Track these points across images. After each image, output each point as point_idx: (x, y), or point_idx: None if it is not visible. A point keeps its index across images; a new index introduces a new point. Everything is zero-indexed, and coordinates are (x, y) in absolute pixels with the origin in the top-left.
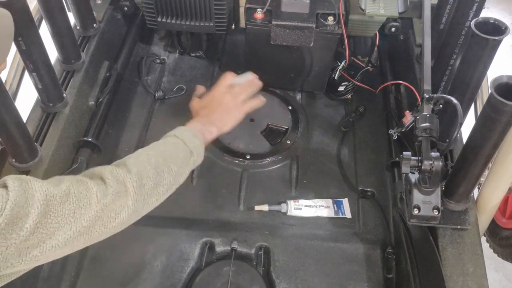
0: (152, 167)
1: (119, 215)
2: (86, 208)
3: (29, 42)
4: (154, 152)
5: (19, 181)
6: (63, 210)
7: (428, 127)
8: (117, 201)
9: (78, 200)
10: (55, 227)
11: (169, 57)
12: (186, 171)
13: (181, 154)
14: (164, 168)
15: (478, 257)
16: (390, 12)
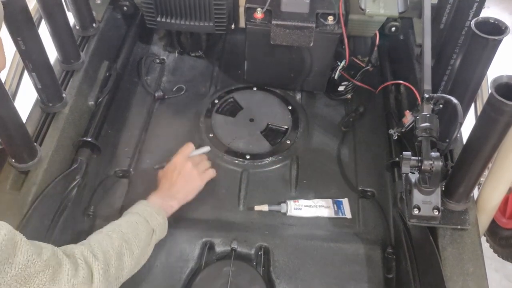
0: (115, 252)
1: None
2: (55, 284)
3: (28, 42)
4: (116, 235)
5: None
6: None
7: (428, 127)
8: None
9: (52, 273)
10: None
11: (169, 57)
12: (148, 250)
13: (143, 235)
14: (126, 252)
15: (478, 257)
16: (390, 12)
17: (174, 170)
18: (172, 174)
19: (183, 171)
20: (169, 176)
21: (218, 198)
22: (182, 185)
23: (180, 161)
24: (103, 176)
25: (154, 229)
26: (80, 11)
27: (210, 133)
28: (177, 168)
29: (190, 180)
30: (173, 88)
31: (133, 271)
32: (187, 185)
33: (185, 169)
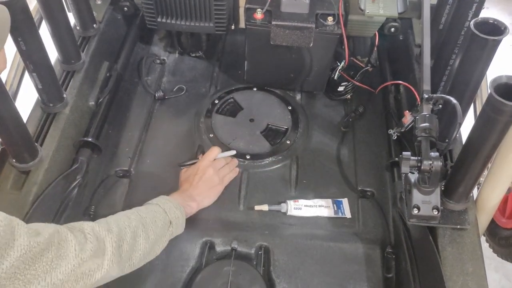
0: (131, 231)
1: (94, 274)
2: (63, 259)
3: (29, 43)
4: (135, 217)
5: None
6: (42, 258)
7: (428, 127)
8: (94, 259)
9: (57, 249)
10: (32, 276)
11: (169, 57)
12: (163, 240)
13: (160, 223)
14: (142, 233)
15: (477, 256)
16: (390, 12)
17: (196, 174)
18: (194, 178)
19: (205, 176)
20: (190, 179)
21: (218, 198)
22: (203, 189)
23: (203, 165)
24: (104, 176)
25: (172, 222)
26: (81, 12)
27: (210, 133)
28: (199, 172)
29: (211, 185)
30: (174, 89)
31: (145, 258)
32: (208, 190)
33: (206, 174)
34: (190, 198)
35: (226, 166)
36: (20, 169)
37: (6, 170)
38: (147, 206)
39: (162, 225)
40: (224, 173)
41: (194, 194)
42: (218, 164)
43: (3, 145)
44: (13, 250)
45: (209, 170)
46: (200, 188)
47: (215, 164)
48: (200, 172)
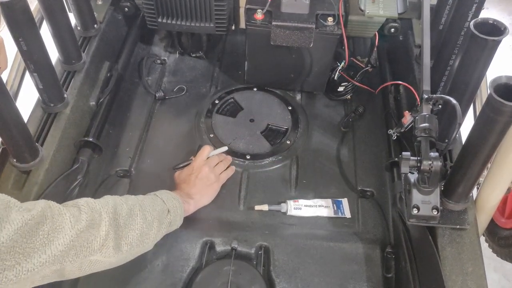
0: (127, 207)
1: (91, 245)
2: (59, 232)
3: (30, 43)
4: (132, 198)
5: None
6: (38, 231)
7: (427, 127)
8: (91, 229)
9: (52, 222)
10: (31, 248)
11: (170, 57)
12: (162, 228)
13: (158, 208)
14: (139, 213)
15: (477, 256)
16: (390, 13)
17: (191, 174)
18: (190, 178)
19: (200, 175)
20: (186, 179)
21: (218, 198)
22: (200, 187)
23: (198, 165)
24: (105, 176)
25: (170, 210)
26: (82, 12)
27: (210, 133)
28: (195, 171)
29: (207, 184)
30: (174, 89)
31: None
32: (204, 189)
33: (202, 173)
34: (188, 196)
35: (220, 164)
36: (20, 169)
37: (7, 170)
38: (145, 195)
39: (160, 211)
40: (219, 170)
41: (191, 193)
42: (212, 162)
43: (4, 145)
44: (9, 223)
45: (204, 169)
46: (197, 187)
47: (209, 162)
48: (195, 171)
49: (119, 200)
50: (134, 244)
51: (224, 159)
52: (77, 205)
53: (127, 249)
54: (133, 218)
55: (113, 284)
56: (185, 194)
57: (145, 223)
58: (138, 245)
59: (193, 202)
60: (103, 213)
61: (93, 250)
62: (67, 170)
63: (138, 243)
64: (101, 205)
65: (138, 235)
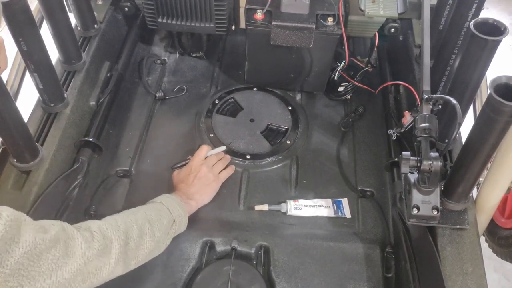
0: (138, 228)
1: (100, 272)
2: (69, 258)
3: (30, 43)
4: (141, 215)
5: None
6: (48, 256)
7: (427, 127)
8: (101, 258)
9: (64, 247)
10: (36, 272)
11: (170, 57)
12: (167, 238)
13: (165, 221)
14: (148, 232)
15: (477, 256)
16: (390, 13)
17: (190, 173)
18: (189, 178)
19: (199, 174)
20: (185, 179)
21: (218, 198)
22: (199, 187)
23: (196, 164)
24: (105, 176)
25: (175, 220)
26: (82, 12)
27: (210, 133)
28: (193, 171)
29: (206, 183)
30: (174, 89)
31: (150, 255)
32: (204, 188)
33: (200, 172)
34: (188, 198)
35: (219, 163)
36: (21, 169)
37: (7, 170)
38: (152, 205)
39: (166, 223)
40: (218, 169)
41: (191, 193)
42: (211, 161)
43: (4, 145)
44: (18, 246)
45: (202, 168)
46: (196, 187)
47: (207, 162)
48: (194, 171)
49: (129, 222)
50: (142, 260)
51: (223, 158)
52: (89, 230)
53: (135, 266)
54: (143, 238)
55: (113, 283)
56: (185, 196)
57: (154, 240)
58: (145, 260)
59: (194, 203)
60: (114, 240)
61: (101, 277)
62: (67, 170)
63: (145, 259)
64: (113, 231)
65: (147, 253)
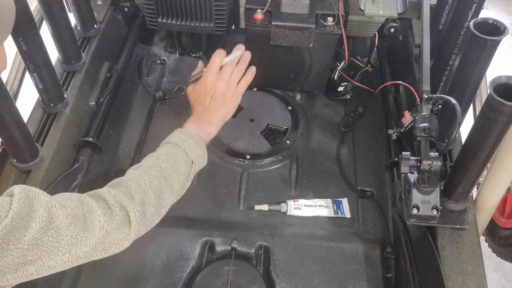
0: (154, 191)
1: (122, 243)
2: (89, 232)
3: (29, 43)
4: (156, 173)
5: (27, 192)
6: (67, 231)
7: (427, 127)
8: (120, 231)
9: (83, 223)
10: (55, 247)
11: (170, 57)
12: (188, 180)
13: (183, 168)
14: (166, 189)
15: (477, 256)
16: (389, 13)
17: (206, 94)
18: (205, 99)
19: (215, 95)
20: (201, 100)
21: (218, 198)
22: (217, 108)
23: (210, 81)
24: (105, 175)
25: (194, 161)
26: (81, 12)
27: None
28: (209, 91)
29: (224, 102)
30: (174, 89)
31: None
32: (222, 108)
33: (217, 91)
34: (206, 123)
35: (235, 72)
36: (20, 169)
37: (7, 170)
38: (166, 150)
39: (185, 169)
40: (235, 80)
41: (208, 116)
42: (226, 73)
43: (3, 145)
44: (34, 221)
45: (218, 86)
46: (214, 109)
47: (222, 76)
48: (209, 90)
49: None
50: (163, 214)
51: (239, 63)
52: (105, 200)
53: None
54: (162, 197)
55: (113, 283)
56: (203, 123)
57: (174, 194)
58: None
59: (214, 128)
60: (130, 213)
61: (122, 246)
62: (67, 170)
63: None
64: (129, 201)
65: (168, 207)
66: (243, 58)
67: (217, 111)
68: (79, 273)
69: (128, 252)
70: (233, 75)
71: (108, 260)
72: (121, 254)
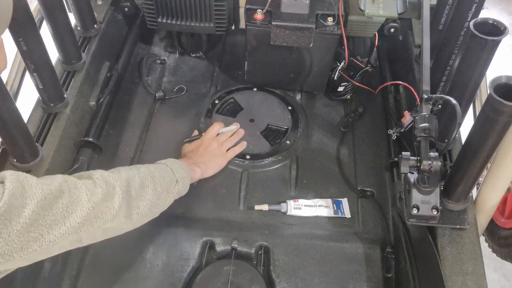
0: (140, 179)
1: (106, 216)
2: (77, 205)
3: (30, 43)
4: (144, 169)
5: (16, 175)
6: (58, 205)
7: (427, 127)
8: (105, 202)
9: (69, 196)
10: (52, 221)
11: (170, 57)
12: (169, 197)
13: (168, 179)
14: (150, 184)
15: (477, 256)
16: (389, 13)
17: (201, 145)
18: (198, 149)
19: (209, 148)
20: (194, 149)
21: (218, 198)
22: (207, 159)
23: (207, 138)
24: None
25: (178, 180)
26: (81, 12)
27: None
28: (204, 144)
29: (214, 157)
30: (174, 89)
31: (151, 210)
32: (211, 160)
33: (210, 146)
34: (195, 165)
35: (229, 140)
36: (21, 169)
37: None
38: (156, 164)
39: (169, 181)
40: (227, 147)
41: (198, 161)
42: (221, 138)
43: (4, 145)
44: (30, 198)
45: (213, 143)
46: (204, 157)
47: (218, 139)
48: (204, 144)
49: (131, 172)
50: (144, 213)
51: (234, 135)
52: (91, 178)
53: (137, 218)
54: (145, 190)
55: (113, 283)
56: (192, 163)
57: (155, 194)
58: (147, 214)
59: (199, 170)
60: (116, 186)
61: (106, 220)
62: (67, 170)
63: (147, 212)
64: (115, 178)
65: (148, 205)
66: (237, 133)
67: (206, 160)
68: (79, 272)
69: (128, 252)
70: (226, 142)
71: (108, 260)
72: (121, 254)
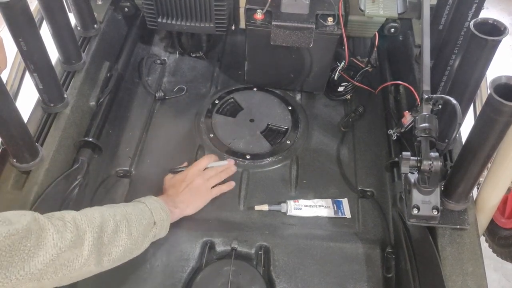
0: (114, 224)
1: (72, 264)
2: (41, 249)
3: (30, 43)
4: (120, 211)
5: None
6: (20, 246)
7: (427, 127)
8: (73, 249)
9: (36, 238)
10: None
11: (170, 57)
12: (146, 241)
13: (145, 222)
14: (125, 229)
15: (477, 256)
16: (390, 13)
17: (183, 181)
18: (181, 185)
19: (191, 185)
20: (177, 185)
21: (218, 198)
22: (187, 197)
23: (192, 173)
24: (104, 176)
25: (156, 222)
26: (81, 12)
27: (210, 133)
28: (187, 180)
29: (196, 195)
30: (174, 89)
31: (125, 255)
32: (192, 199)
33: (194, 183)
34: (173, 205)
35: (216, 176)
36: (20, 169)
37: (6, 170)
38: (133, 204)
39: (146, 225)
40: (212, 183)
41: (178, 201)
42: (208, 174)
43: (3, 145)
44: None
45: (197, 179)
46: (184, 196)
47: (204, 174)
48: (187, 179)
49: (107, 215)
50: (116, 259)
51: (222, 171)
52: (63, 220)
53: (109, 264)
54: (118, 235)
55: (113, 284)
56: (171, 202)
57: (130, 239)
58: (120, 259)
59: (178, 211)
60: (87, 232)
61: (74, 269)
62: (67, 170)
63: (120, 258)
64: (88, 222)
65: (121, 251)
66: (227, 170)
67: (187, 199)
68: None
69: None
70: (213, 178)
71: None
72: None
